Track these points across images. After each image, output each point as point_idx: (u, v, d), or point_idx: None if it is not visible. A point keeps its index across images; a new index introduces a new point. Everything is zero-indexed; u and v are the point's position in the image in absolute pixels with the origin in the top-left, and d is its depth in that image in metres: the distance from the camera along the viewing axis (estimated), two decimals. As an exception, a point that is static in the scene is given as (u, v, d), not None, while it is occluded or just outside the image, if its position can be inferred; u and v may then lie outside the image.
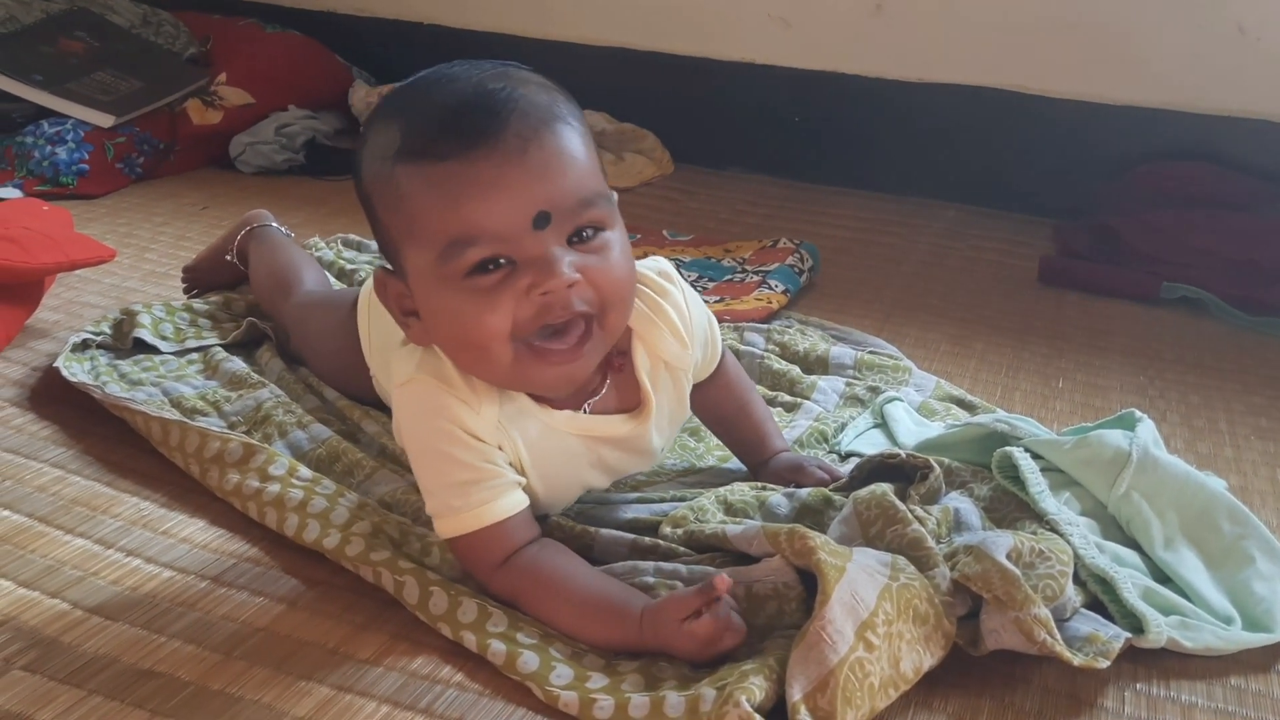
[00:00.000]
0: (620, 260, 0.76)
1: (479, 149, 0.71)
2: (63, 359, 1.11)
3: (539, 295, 0.72)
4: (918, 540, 0.77)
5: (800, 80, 1.93)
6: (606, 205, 0.75)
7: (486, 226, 0.71)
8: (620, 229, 0.77)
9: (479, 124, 0.71)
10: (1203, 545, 0.85)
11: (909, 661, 0.71)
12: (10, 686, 0.72)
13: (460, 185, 0.71)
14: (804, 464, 0.93)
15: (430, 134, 0.72)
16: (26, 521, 0.90)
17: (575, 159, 0.73)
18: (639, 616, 0.75)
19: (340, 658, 0.76)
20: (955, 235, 1.75)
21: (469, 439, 0.78)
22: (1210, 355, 1.34)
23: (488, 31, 2.13)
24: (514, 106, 0.72)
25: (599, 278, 0.74)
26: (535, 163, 0.71)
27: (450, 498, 0.78)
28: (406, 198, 0.73)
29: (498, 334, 0.73)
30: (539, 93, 0.74)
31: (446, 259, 0.72)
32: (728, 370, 0.95)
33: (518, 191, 0.71)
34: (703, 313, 0.89)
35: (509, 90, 0.73)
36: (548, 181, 0.71)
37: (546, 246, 0.72)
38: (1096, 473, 0.87)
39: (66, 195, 1.69)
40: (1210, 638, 0.78)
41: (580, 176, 0.73)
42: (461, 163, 0.71)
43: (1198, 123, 1.69)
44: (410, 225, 0.74)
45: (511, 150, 0.71)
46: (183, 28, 2.08)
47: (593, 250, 0.74)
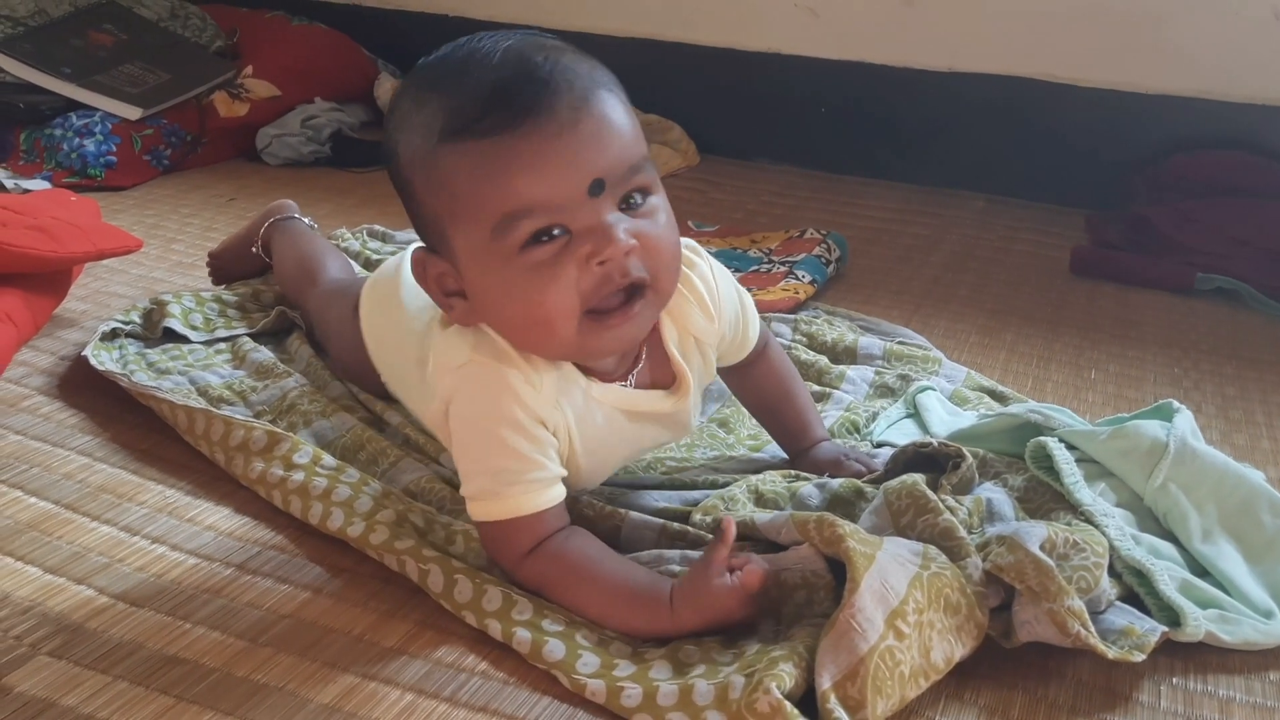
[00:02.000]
0: (668, 224, 0.76)
1: (530, 122, 0.69)
2: (91, 348, 1.11)
3: (598, 264, 0.71)
4: (949, 530, 0.76)
5: (828, 70, 1.91)
6: (652, 170, 0.75)
7: (541, 198, 0.70)
8: (663, 194, 0.77)
9: (528, 97, 0.70)
10: (1242, 538, 0.83)
11: (940, 651, 0.70)
12: (36, 672, 0.72)
13: (512, 159, 0.70)
14: (842, 457, 0.93)
15: (476, 111, 0.70)
16: (53, 508, 0.90)
17: (623, 125, 0.73)
18: (668, 598, 0.74)
19: (365, 645, 0.76)
20: (985, 226, 1.73)
21: (528, 422, 0.77)
22: (1246, 346, 1.32)
23: (513, 23, 2.12)
24: (560, 77, 0.70)
25: (651, 243, 0.74)
26: (587, 131, 0.70)
27: (492, 482, 0.78)
28: (453, 176, 0.72)
29: (564, 308, 0.72)
30: (578, 61, 0.73)
31: (501, 233, 0.71)
32: (772, 355, 0.95)
33: (572, 161, 0.70)
34: (731, 288, 0.88)
35: (552, 61, 0.71)
36: (600, 149, 0.71)
37: (602, 214, 0.71)
38: (1133, 464, 0.85)
39: (94, 187, 1.70)
40: (1250, 631, 0.76)
41: (629, 142, 0.73)
42: (513, 136, 0.69)
43: (1232, 111, 1.67)
44: (457, 204, 0.73)
45: (564, 121, 0.70)
46: (210, 21, 2.09)
47: (643, 215, 0.74)
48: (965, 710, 0.72)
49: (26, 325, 1.16)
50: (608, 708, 0.70)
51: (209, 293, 1.26)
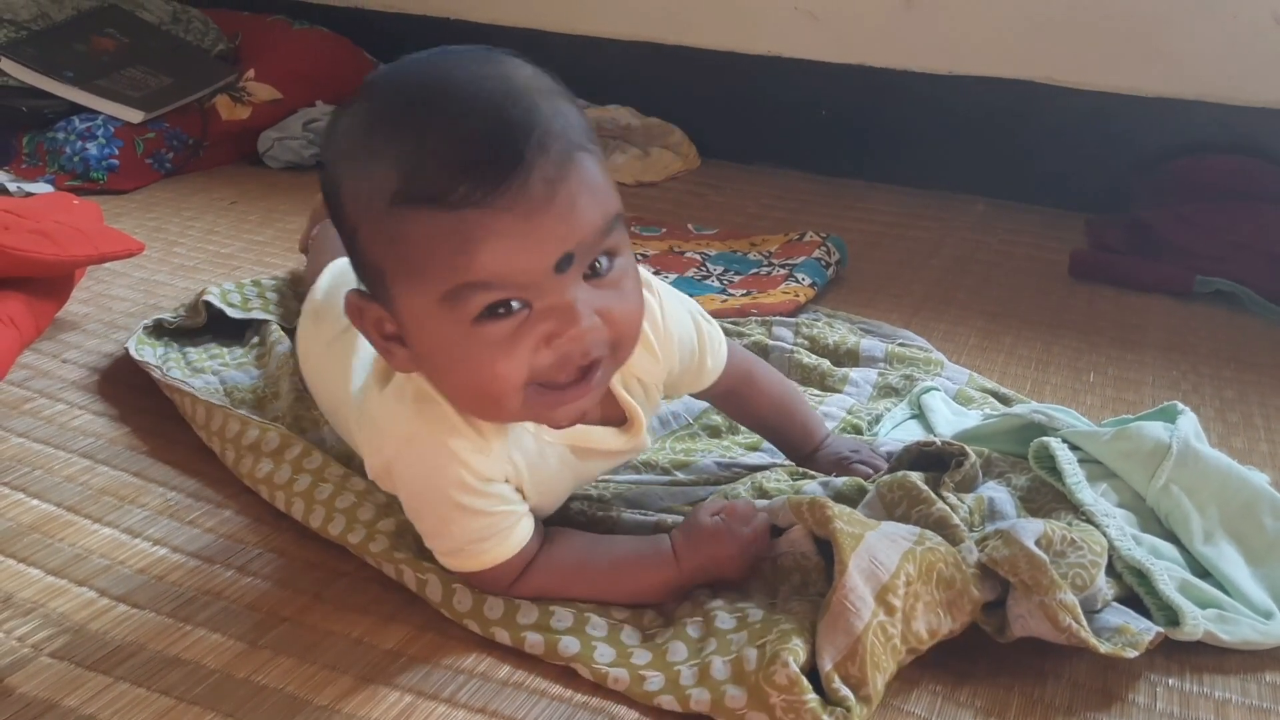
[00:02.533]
0: (633, 292, 0.71)
1: (500, 198, 0.63)
2: (134, 340, 1.12)
3: (559, 344, 0.67)
4: (943, 519, 0.77)
5: (828, 74, 1.92)
6: (620, 228, 0.69)
7: (504, 275, 0.64)
8: (628, 248, 0.71)
9: (499, 171, 0.63)
10: (1244, 540, 0.84)
11: (922, 622, 0.71)
12: (38, 673, 0.72)
13: (476, 234, 0.63)
14: (849, 454, 0.93)
15: (441, 182, 0.63)
16: (55, 510, 0.90)
17: (597, 189, 0.66)
18: (670, 549, 0.76)
19: (365, 647, 0.76)
20: (985, 229, 1.73)
21: (483, 488, 0.74)
22: (1245, 350, 1.32)
23: (514, 26, 2.13)
24: (536, 142, 0.63)
25: (616, 317, 0.69)
26: (561, 206, 0.64)
27: (465, 543, 0.76)
28: (406, 237, 0.65)
29: (514, 385, 0.68)
30: (554, 113, 0.66)
31: (453, 302, 0.65)
32: (760, 379, 0.93)
33: (543, 238, 0.64)
34: (685, 324, 0.84)
35: (528, 120, 0.64)
36: (574, 223, 0.65)
37: (566, 291, 0.66)
38: (1136, 465, 0.86)
39: (97, 190, 1.71)
40: (1249, 631, 0.76)
41: (603, 205, 0.67)
42: (479, 212, 0.63)
43: (1232, 115, 1.67)
44: (408, 265, 0.66)
45: (536, 197, 0.63)
46: (212, 25, 2.10)
47: (609, 284, 0.68)
48: (961, 711, 0.72)
49: (29, 328, 1.16)
50: (629, 695, 0.71)
51: (248, 278, 1.27)
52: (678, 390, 0.88)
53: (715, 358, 0.87)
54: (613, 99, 2.03)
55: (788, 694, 0.67)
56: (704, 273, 1.47)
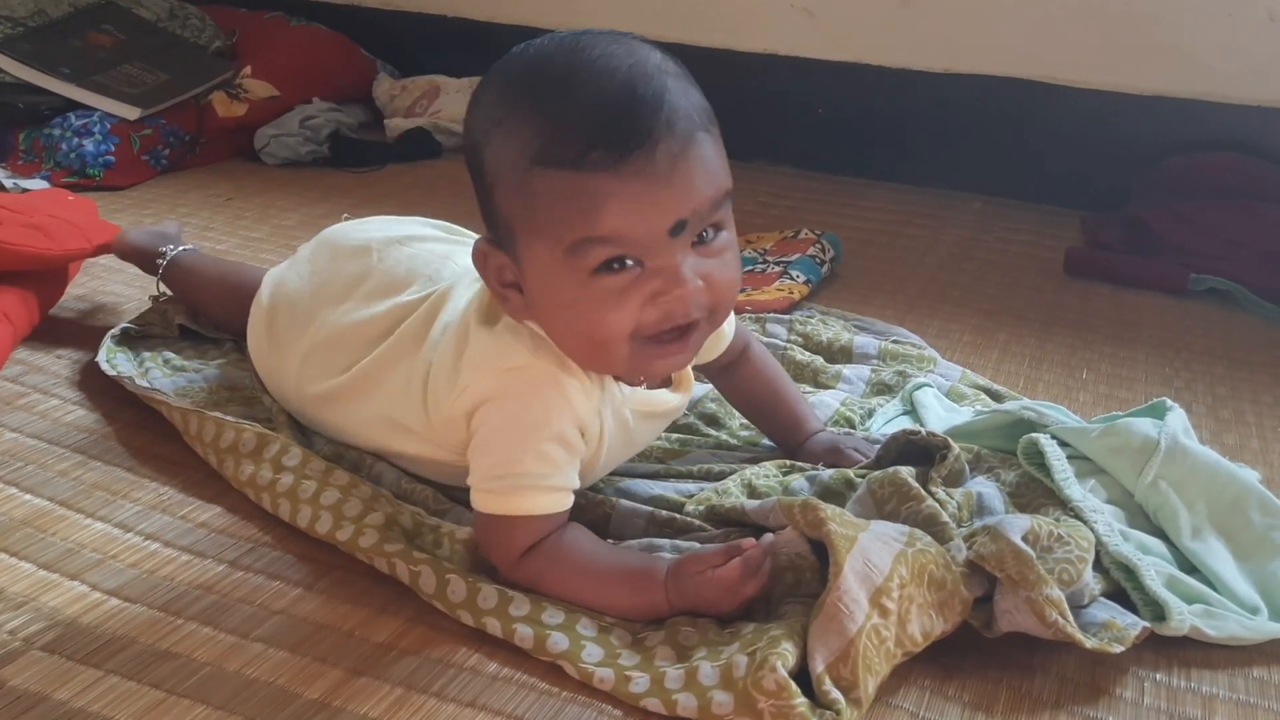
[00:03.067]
0: (733, 262, 0.77)
1: (628, 165, 0.70)
2: (103, 352, 1.11)
3: (664, 301, 0.73)
4: (933, 516, 0.77)
5: (825, 71, 1.92)
6: (728, 205, 0.75)
7: (624, 233, 0.71)
8: (732, 224, 0.77)
9: (629, 139, 0.70)
10: (1232, 536, 0.84)
11: (916, 625, 0.71)
12: (30, 666, 0.72)
13: (605, 195, 0.70)
14: (840, 445, 0.94)
15: (578, 145, 0.70)
16: (48, 505, 0.91)
17: (713, 167, 0.73)
18: (663, 577, 0.76)
19: (356, 641, 0.76)
20: (982, 227, 1.74)
21: (570, 432, 0.78)
22: (1239, 347, 1.32)
23: (512, 24, 2.13)
24: (664, 118, 0.70)
25: (718, 282, 0.75)
26: (681, 178, 0.71)
27: (513, 481, 0.78)
28: (540, 197, 0.72)
29: (621, 333, 0.74)
30: (681, 94, 0.73)
31: (575, 254, 0.72)
32: (755, 355, 0.97)
33: (663, 204, 0.71)
34: None
35: (658, 97, 0.71)
36: (690, 194, 0.71)
37: (676, 254, 0.72)
38: (1124, 461, 0.86)
39: (93, 187, 1.71)
40: (1235, 627, 0.76)
41: (718, 183, 0.73)
42: (608, 175, 0.70)
43: (1228, 113, 1.67)
44: (538, 220, 0.73)
45: (660, 168, 0.70)
46: (209, 21, 2.10)
47: (713, 253, 0.75)
48: (950, 705, 0.72)
49: (23, 323, 1.16)
50: (615, 695, 0.71)
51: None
52: (702, 357, 0.91)
53: (729, 320, 0.91)
54: (609, 96, 2.03)
55: (776, 699, 0.66)
56: (699, 270, 1.47)
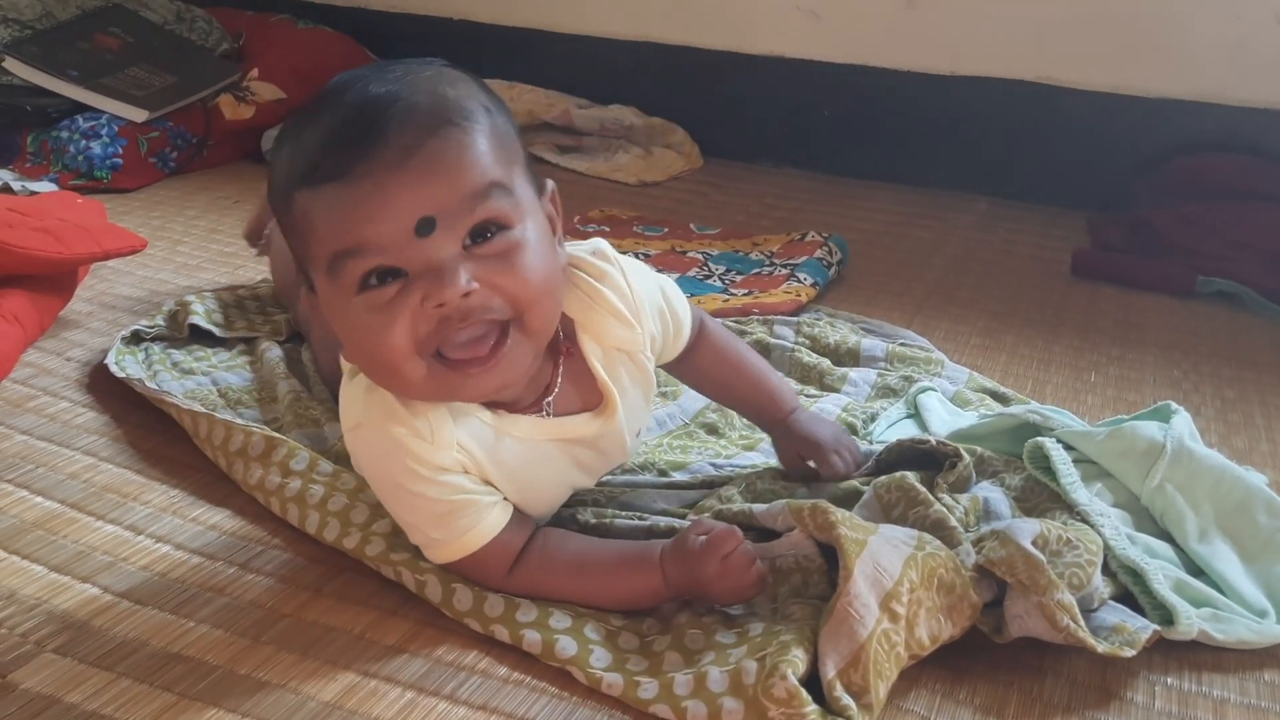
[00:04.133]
0: (530, 259, 0.70)
1: (359, 164, 0.67)
2: (113, 354, 1.12)
3: (434, 308, 0.68)
4: (940, 521, 0.77)
5: (830, 74, 1.92)
6: (505, 198, 0.69)
7: (368, 237, 0.67)
8: (534, 222, 0.71)
9: (356, 139, 0.67)
10: (1238, 538, 0.84)
11: (924, 629, 0.71)
12: (41, 669, 0.73)
13: (343, 201, 0.67)
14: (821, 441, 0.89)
15: (315, 156, 0.68)
16: (58, 508, 0.91)
17: (464, 158, 0.68)
18: (659, 559, 0.76)
19: (366, 643, 0.76)
20: (987, 228, 1.73)
21: (431, 475, 0.75)
22: (1246, 349, 1.32)
23: (517, 26, 2.13)
24: (393, 115, 0.67)
25: (505, 281, 0.69)
26: (417, 169, 0.67)
27: (432, 531, 0.77)
28: (298, 223, 0.70)
29: (401, 351, 0.69)
30: (428, 93, 0.69)
31: (334, 273, 0.69)
32: (710, 335, 0.90)
33: (397, 199, 0.67)
34: (652, 286, 0.84)
35: (388, 96, 0.68)
36: (431, 186, 0.67)
37: (436, 255, 0.67)
38: (1130, 464, 0.86)
39: (101, 189, 1.71)
40: (1243, 630, 0.76)
41: (468, 172, 0.68)
42: (342, 184, 0.67)
43: (1233, 115, 1.67)
44: (305, 247, 0.71)
45: (390, 161, 0.66)
46: (216, 24, 2.10)
47: (496, 253, 0.69)
48: (960, 709, 0.72)
49: (32, 326, 1.17)
50: (624, 700, 0.71)
51: (231, 295, 1.27)
52: (666, 355, 0.87)
53: (684, 314, 0.87)
54: (615, 99, 2.03)
55: (787, 707, 0.66)
56: (706, 272, 1.47)
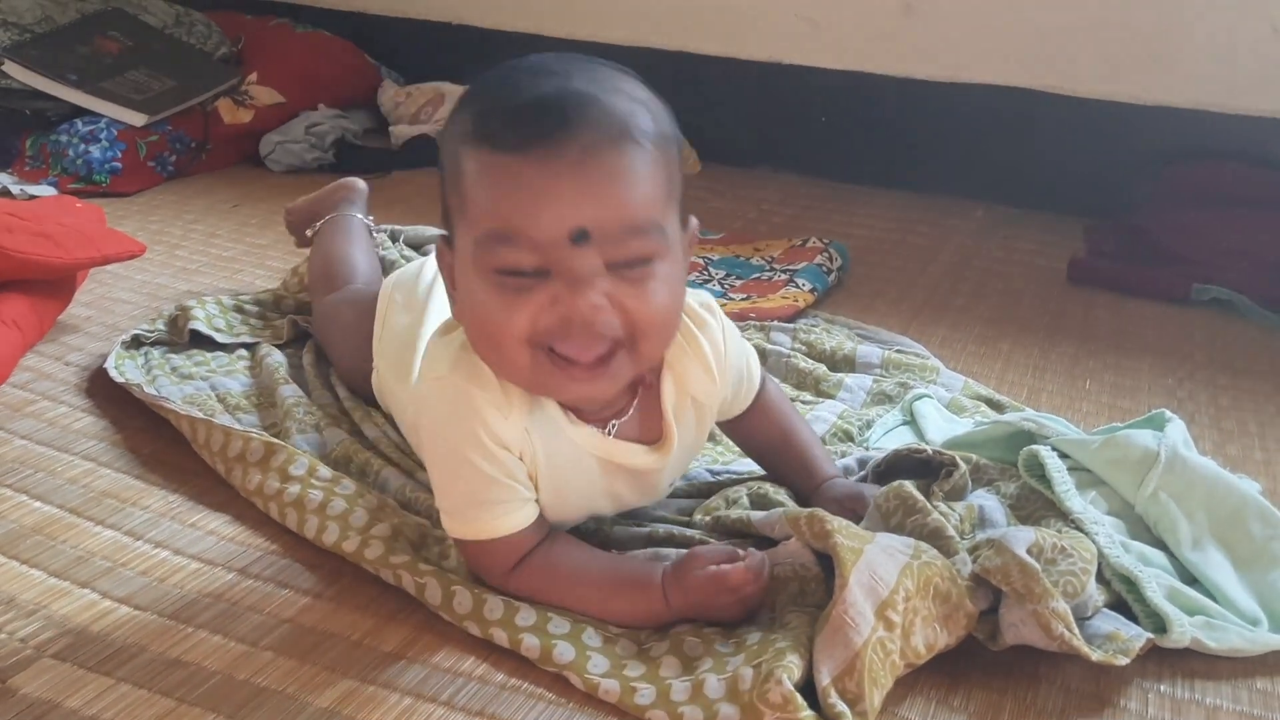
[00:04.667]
0: (662, 293, 0.72)
1: (537, 150, 0.68)
2: (112, 358, 1.12)
3: (562, 307, 0.70)
4: (938, 530, 0.78)
5: (828, 80, 1.93)
6: (659, 238, 0.71)
7: (525, 230, 0.69)
8: (674, 262, 0.73)
9: (545, 124, 0.68)
10: (1232, 547, 0.84)
11: (920, 637, 0.72)
12: (41, 674, 0.73)
13: (511, 181, 0.69)
14: (864, 493, 0.86)
15: (498, 123, 0.70)
16: (58, 513, 0.91)
17: (635, 183, 0.69)
18: (660, 581, 0.77)
19: (364, 650, 0.77)
20: (984, 235, 1.74)
21: (493, 448, 0.76)
22: (1241, 357, 1.33)
23: (517, 32, 2.14)
24: (587, 114, 0.68)
25: (633, 307, 0.71)
26: (590, 178, 0.68)
27: (466, 504, 0.78)
28: (464, 178, 0.72)
29: (515, 334, 0.71)
30: (623, 104, 0.70)
31: (483, 247, 0.71)
32: (768, 397, 0.92)
33: (563, 203, 0.68)
34: (741, 350, 0.86)
35: (589, 95, 0.69)
36: (597, 201, 0.68)
37: (582, 264, 0.69)
38: (1124, 472, 0.86)
39: (100, 193, 1.72)
40: (1236, 639, 0.77)
41: (636, 203, 0.70)
42: (518, 159, 0.68)
43: (1230, 123, 1.68)
44: (462, 205, 0.72)
45: (568, 159, 0.68)
46: (215, 27, 2.11)
47: (632, 280, 0.71)
48: (955, 716, 0.73)
49: (32, 330, 1.17)
50: (620, 706, 0.72)
51: (231, 300, 1.28)
52: (722, 416, 0.90)
53: (754, 382, 0.89)
54: (614, 103, 2.04)
55: (782, 712, 0.67)
56: (705, 276, 1.48)
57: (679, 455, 0.84)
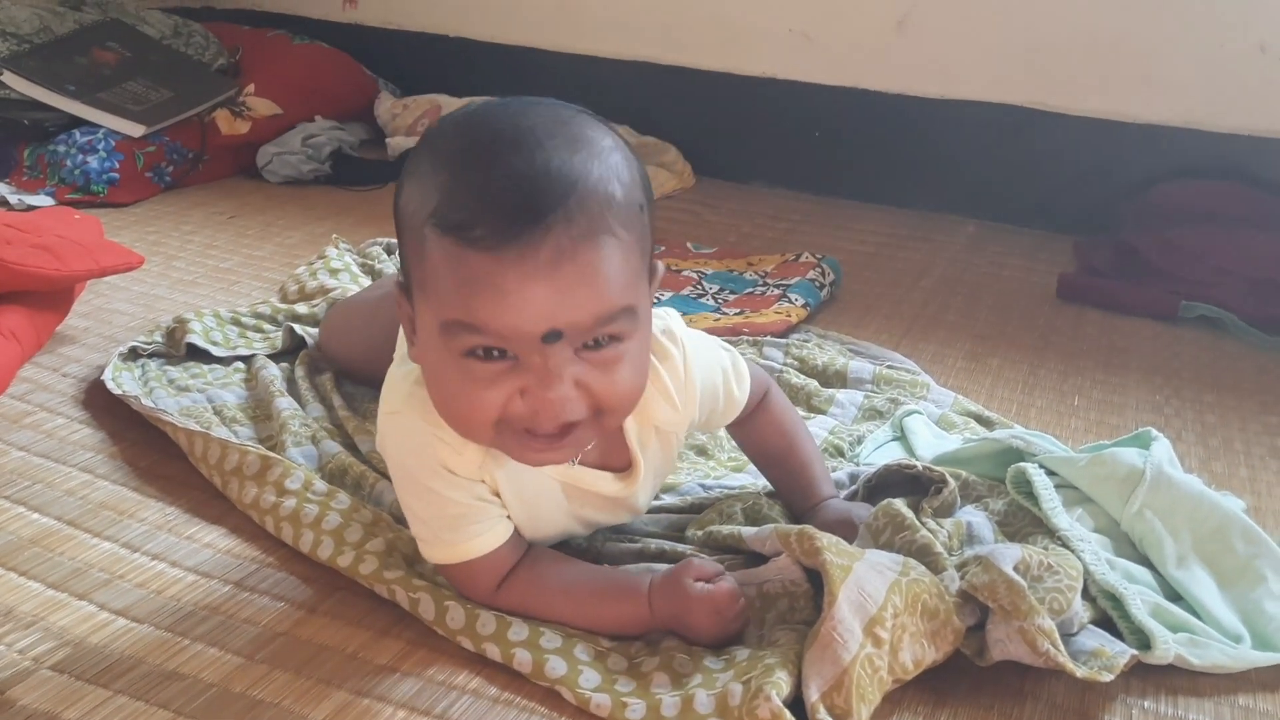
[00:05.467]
0: (628, 373, 0.71)
1: (509, 250, 0.65)
2: (110, 371, 1.13)
3: (531, 400, 0.69)
4: (926, 546, 0.79)
5: (822, 95, 1.94)
6: (628, 321, 0.70)
7: (493, 327, 0.67)
8: (640, 337, 0.72)
9: (518, 224, 0.65)
10: (1215, 564, 0.86)
11: (908, 653, 0.73)
12: (38, 686, 0.74)
13: (480, 280, 0.66)
14: (853, 517, 0.87)
15: (465, 212, 0.66)
16: (55, 524, 0.92)
17: (608, 277, 0.67)
18: (647, 592, 0.78)
19: (359, 663, 0.78)
20: (975, 250, 1.76)
21: (453, 477, 0.77)
22: (1228, 374, 1.34)
23: (513, 45, 2.15)
24: (560, 209, 0.65)
25: (600, 390, 0.70)
26: (565, 281, 0.66)
27: (439, 529, 0.79)
28: (429, 259, 0.69)
29: (483, 419, 0.70)
30: (599, 181, 0.67)
31: (448, 333, 0.69)
32: (774, 407, 0.92)
33: (534, 306, 0.66)
34: (711, 369, 0.85)
35: (564, 180, 0.66)
36: (570, 302, 0.66)
37: (552, 359, 0.68)
38: (1110, 490, 0.88)
39: (97, 203, 1.73)
40: (1218, 655, 0.78)
41: (608, 294, 0.68)
42: (487, 258, 0.65)
43: (1218, 141, 1.70)
44: (426, 284, 0.70)
45: (542, 263, 0.65)
46: (213, 39, 2.12)
47: (601, 363, 0.70)
48: (942, 731, 0.74)
49: (30, 342, 1.18)
50: None
51: (228, 313, 1.28)
52: (707, 428, 0.91)
53: (741, 390, 0.88)
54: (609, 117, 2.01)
55: None
56: (699, 291, 1.49)
57: (647, 480, 0.84)
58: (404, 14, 2.25)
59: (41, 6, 2.00)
